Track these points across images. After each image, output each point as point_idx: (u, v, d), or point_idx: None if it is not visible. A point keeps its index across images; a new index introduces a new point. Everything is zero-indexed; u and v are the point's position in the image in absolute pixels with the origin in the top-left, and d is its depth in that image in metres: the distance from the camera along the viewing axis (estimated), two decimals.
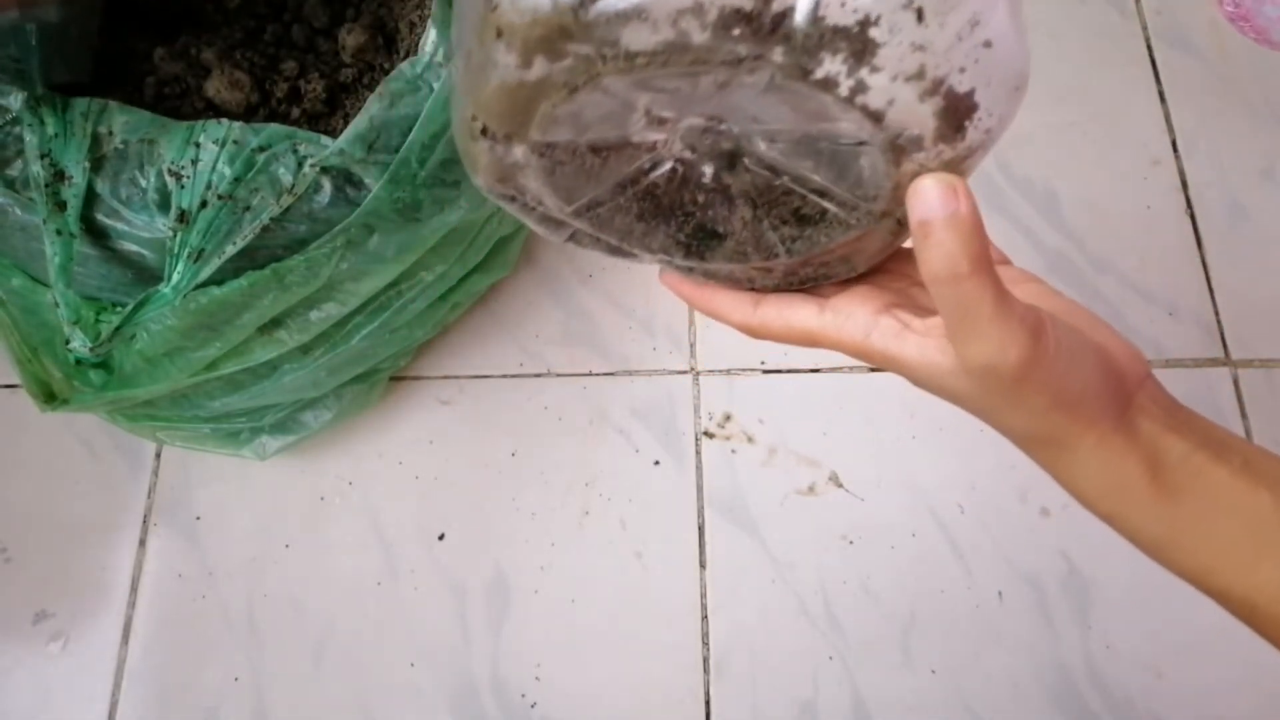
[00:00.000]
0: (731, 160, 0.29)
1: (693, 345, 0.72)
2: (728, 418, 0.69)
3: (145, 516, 0.68)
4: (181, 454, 0.69)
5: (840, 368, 0.70)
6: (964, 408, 0.29)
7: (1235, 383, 0.69)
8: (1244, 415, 0.68)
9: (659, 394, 0.70)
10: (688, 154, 0.29)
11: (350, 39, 0.59)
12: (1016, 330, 0.26)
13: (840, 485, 0.67)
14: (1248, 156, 0.76)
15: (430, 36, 0.52)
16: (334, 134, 0.51)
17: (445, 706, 0.62)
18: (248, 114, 0.57)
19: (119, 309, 0.52)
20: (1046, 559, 0.64)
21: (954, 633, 0.62)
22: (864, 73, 0.24)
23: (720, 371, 0.71)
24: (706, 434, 0.69)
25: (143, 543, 0.67)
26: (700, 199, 0.30)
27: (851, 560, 0.65)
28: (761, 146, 0.28)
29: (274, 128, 0.50)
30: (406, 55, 0.59)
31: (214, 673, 0.63)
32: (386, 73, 0.53)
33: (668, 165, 0.29)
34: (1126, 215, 0.75)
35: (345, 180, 0.52)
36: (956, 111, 0.25)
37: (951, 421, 0.68)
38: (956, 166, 0.27)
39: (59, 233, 0.49)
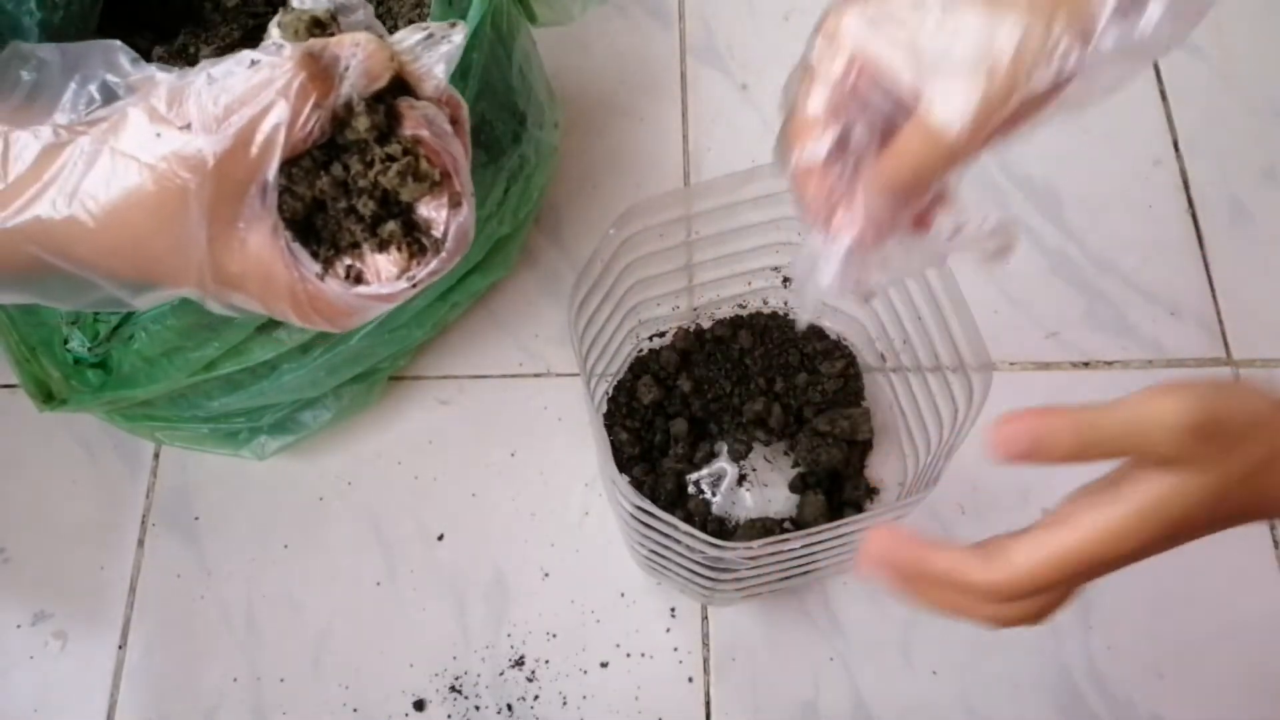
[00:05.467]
0: None
1: None
2: None
3: (144, 517, 0.68)
4: (180, 454, 0.69)
5: None
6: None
7: None
8: None
9: None
10: None
11: None
12: None
13: None
14: (1250, 156, 0.76)
15: None
16: None
17: (444, 707, 0.62)
18: None
19: None
20: None
21: (955, 634, 0.62)
22: None
23: None
24: None
25: (141, 543, 0.67)
26: None
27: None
28: None
29: None
30: None
31: (212, 673, 0.63)
32: None
33: None
34: (1128, 215, 0.74)
35: None
36: None
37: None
38: None
39: None
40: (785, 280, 0.69)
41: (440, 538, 0.66)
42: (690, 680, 0.62)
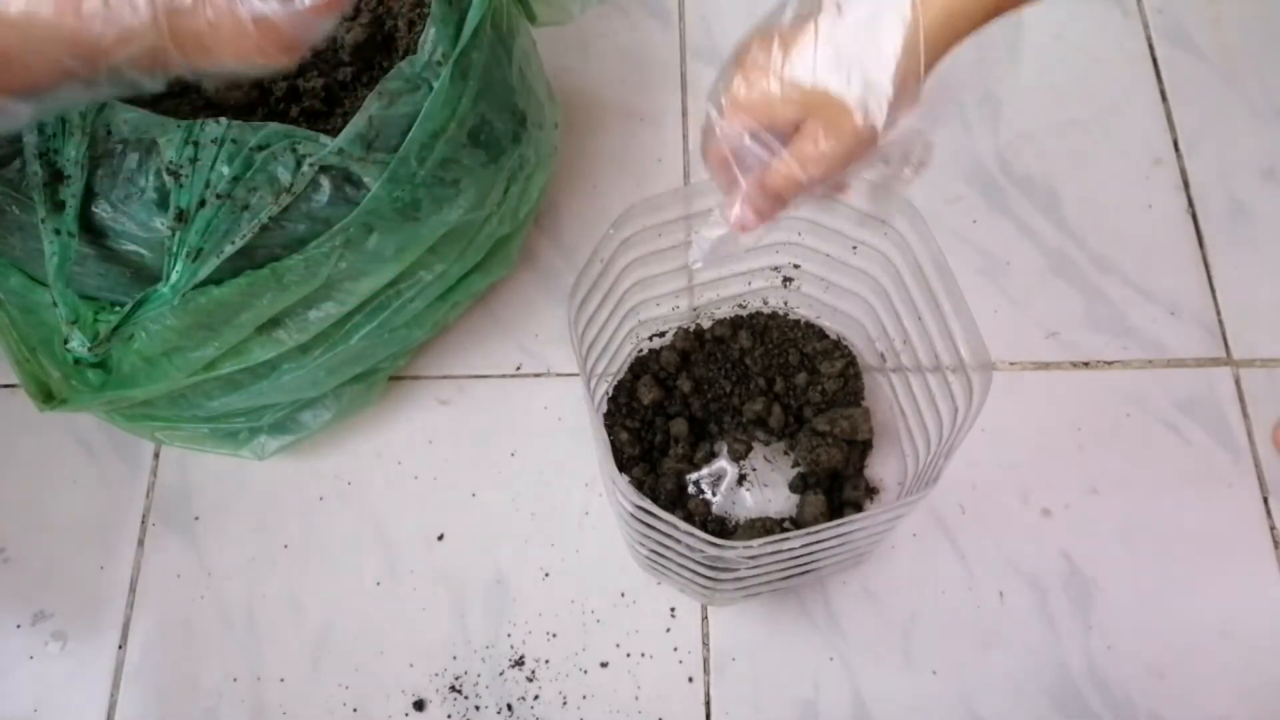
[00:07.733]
0: None
1: None
2: None
3: (144, 516, 0.68)
4: (180, 454, 0.69)
5: None
6: None
7: (1237, 382, 0.69)
8: (1245, 415, 0.67)
9: None
10: None
11: (349, 37, 0.59)
12: None
13: None
14: (1249, 155, 0.76)
15: (430, 35, 0.52)
16: (333, 133, 0.51)
17: (444, 707, 0.62)
18: (246, 112, 0.57)
19: (117, 309, 0.51)
20: (1047, 559, 0.63)
21: (955, 633, 0.62)
22: None
23: None
24: None
25: (141, 543, 0.67)
26: None
27: None
28: None
29: (273, 127, 0.50)
30: (405, 54, 0.58)
31: (212, 673, 0.63)
32: (385, 71, 0.53)
33: None
34: (1128, 214, 0.74)
35: (344, 179, 0.51)
36: None
37: None
38: None
39: (57, 232, 0.49)
40: (785, 280, 0.69)
41: (440, 538, 0.66)
42: (690, 680, 0.62)
